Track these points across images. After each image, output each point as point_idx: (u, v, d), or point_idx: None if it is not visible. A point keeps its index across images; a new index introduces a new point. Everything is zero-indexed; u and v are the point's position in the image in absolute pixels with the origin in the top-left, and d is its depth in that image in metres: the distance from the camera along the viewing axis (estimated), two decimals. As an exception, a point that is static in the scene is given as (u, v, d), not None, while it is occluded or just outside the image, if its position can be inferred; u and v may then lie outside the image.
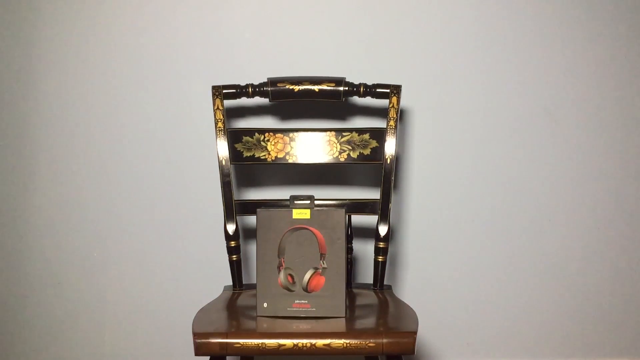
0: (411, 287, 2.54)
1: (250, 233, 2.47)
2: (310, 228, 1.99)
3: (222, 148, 2.23)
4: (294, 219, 2.00)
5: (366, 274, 2.47)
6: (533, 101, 2.49)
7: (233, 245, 2.22)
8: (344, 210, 1.99)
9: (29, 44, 2.44)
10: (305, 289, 1.99)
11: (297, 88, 2.24)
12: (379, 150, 2.23)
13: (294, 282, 1.99)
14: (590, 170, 2.51)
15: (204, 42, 2.44)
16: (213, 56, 2.45)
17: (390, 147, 2.21)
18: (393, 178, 2.21)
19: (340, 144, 2.24)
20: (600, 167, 2.51)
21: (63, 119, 2.47)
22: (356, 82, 2.31)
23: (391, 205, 2.23)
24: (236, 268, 2.23)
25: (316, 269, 1.99)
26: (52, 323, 2.53)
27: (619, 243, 2.54)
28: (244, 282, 2.28)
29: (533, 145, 2.50)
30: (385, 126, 2.23)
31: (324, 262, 1.99)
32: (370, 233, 2.42)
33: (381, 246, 2.21)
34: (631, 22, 2.47)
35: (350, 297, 2.16)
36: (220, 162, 2.22)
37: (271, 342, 1.81)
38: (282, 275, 1.99)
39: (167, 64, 2.45)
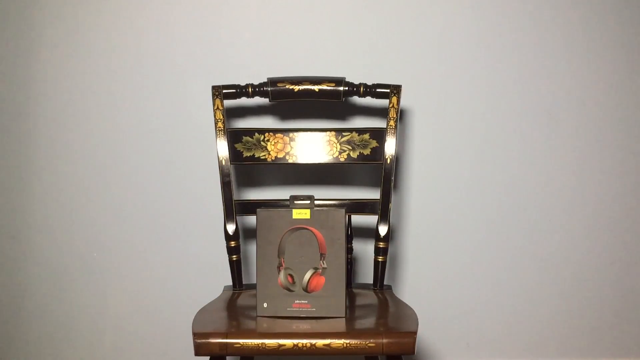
0: (411, 287, 2.54)
1: (250, 233, 2.47)
2: (310, 228, 1.99)
3: (222, 148, 2.23)
4: (294, 219, 2.00)
5: (366, 274, 2.47)
6: (533, 101, 2.49)
7: (233, 245, 2.22)
8: (344, 210, 1.99)
9: (29, 44, 2.44)
10: (305, 289, 1.99)
11: (297, 88, 2.24)
12: (379, 150, 2.23)
13: (294, 282, 1.99)
14: (591, 171, 2.51)
15: (204, 42, 2.44)
16: (213, 56, 2.45)
17: (390, 147, 2.21)
18: (393, 178, 2.21)
19: (340, 144, 2.24)
20: (601, 167, 2.51)
21: (63, 119, 2.47)
22: (356, 82, 2.31)
23: (391, 205, 2.23)
24: (236, 268, 2.23)
25: (316, 269, 1.99)
26: (52, 323, 2.53)
27: (619, 243, 2.54)
28: (244, 282, 2.28)
29: (533, 146, 2.50)
30: (385, 126, 2.23)
31: (324, 262, 1.98)
32: (370, 233, 2.42)
33: (381, 246, 2.21)
34: (632, 24, 2.47)
35: (350, 297, 2.16)
36: (220, 162, 2.22)
37: (271, 342, 1.81)
38: (282, 275, 1.99)
39: (167, 64, 2.45)
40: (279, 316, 1.98)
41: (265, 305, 1.99)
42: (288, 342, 1.81)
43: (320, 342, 1.81)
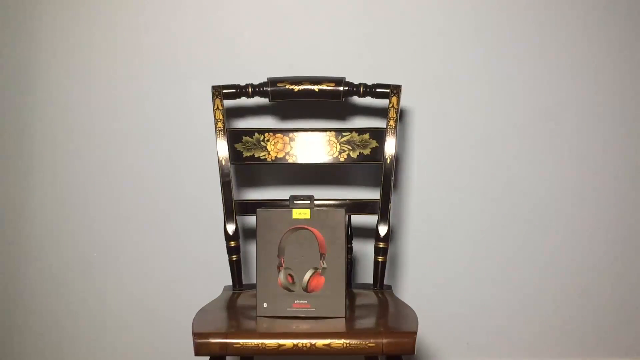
0: (411, 287, 2.54)
1: (250, 233, 2.47)
2: (310, 228, 1.99)
3: (222, 148, 2.23)
4: (294, 219, 2.00)
5: (366, 274, 2.47)
6: (533, 101, 2.48)
7: (233, 245, 2.22)
8: (344, 210, 1.99)
9: (29, 43, 2.44)
10: (305, 289, 1.98)
11: (297, 88, 2.24)
12: (379, 150, 2.23)
13: (294, 282, 1.99)
14: (591, 171, 2.51)
15: (204, 42, 2.44)
16: (213, 56, 2.45)
17: (390, 147, 2.21)
18: (393, 178, 2.21)
19: (340, 144, 2.24)
20: (601, 167, 2.51)
21: (63, 118, 2.47)
22: (356, 82, 2.31)
23: (391, 205, 2.23)
24: (236, 268, 2.23)
25: (316, 269, 1.99)
26: (52, 323, 2.53)
27: (619, 243, 2.54)
28: (244, 282, 2.28)
29: (533, 146, 2.50)
30: (385, 126, 2.23)
31: (324, 262, 1.98)
32: (370, 233, 2.42)
33: (381, 246, 2.21)
34: (632, 24, 2.47)
35: (350, 297, 2.16)
36: (220, 162, 2.22)
37: (271, 342, 1.81)
38: (282, 275, 1.99)
39: (167, 64, 2.45)
40: (279, 316, 1.98)
41: (265, 305, 1.99)
42: (288, 342, 1.81)
43: (320, 342, 1.81)
